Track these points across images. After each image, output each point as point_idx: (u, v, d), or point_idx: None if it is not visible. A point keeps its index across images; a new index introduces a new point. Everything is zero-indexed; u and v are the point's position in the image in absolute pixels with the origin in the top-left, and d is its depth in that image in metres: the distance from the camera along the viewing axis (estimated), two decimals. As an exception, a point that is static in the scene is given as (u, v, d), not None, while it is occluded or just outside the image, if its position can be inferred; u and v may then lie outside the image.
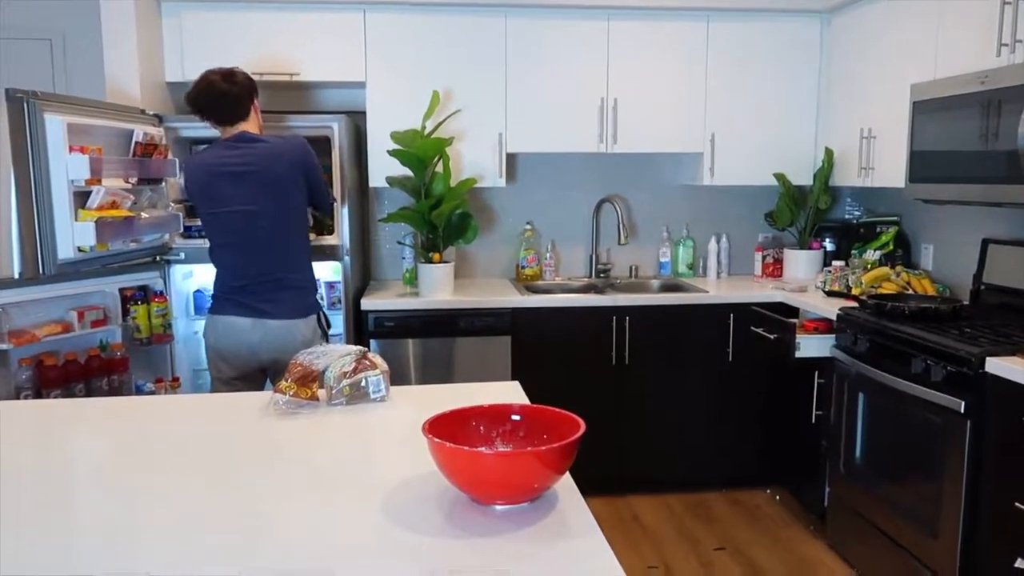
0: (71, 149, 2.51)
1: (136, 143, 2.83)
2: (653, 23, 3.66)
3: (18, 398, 2.47)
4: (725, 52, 3.73)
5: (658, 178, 4.12)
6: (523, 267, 3.99)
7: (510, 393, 1.89)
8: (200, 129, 2.82)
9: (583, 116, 3.68)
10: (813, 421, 3.22)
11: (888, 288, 3.24)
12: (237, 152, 2.58)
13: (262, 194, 2.56)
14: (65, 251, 2.54)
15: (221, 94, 2.56)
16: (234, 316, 2.58)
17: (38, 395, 2.53)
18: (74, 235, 2.54)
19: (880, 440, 2.80)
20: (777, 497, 3.65)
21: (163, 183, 3.03)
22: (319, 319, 2.71)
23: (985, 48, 2.65)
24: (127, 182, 2.79)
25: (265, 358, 2.60)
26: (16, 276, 2.46)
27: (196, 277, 3.35)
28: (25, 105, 2.41)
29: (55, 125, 2.48)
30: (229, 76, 2.60)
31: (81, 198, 2.58)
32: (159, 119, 3.11)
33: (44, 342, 2.55)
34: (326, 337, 2.74)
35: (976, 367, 2.30)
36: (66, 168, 2.50)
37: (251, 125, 2.65)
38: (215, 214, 2.60)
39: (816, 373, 3.17)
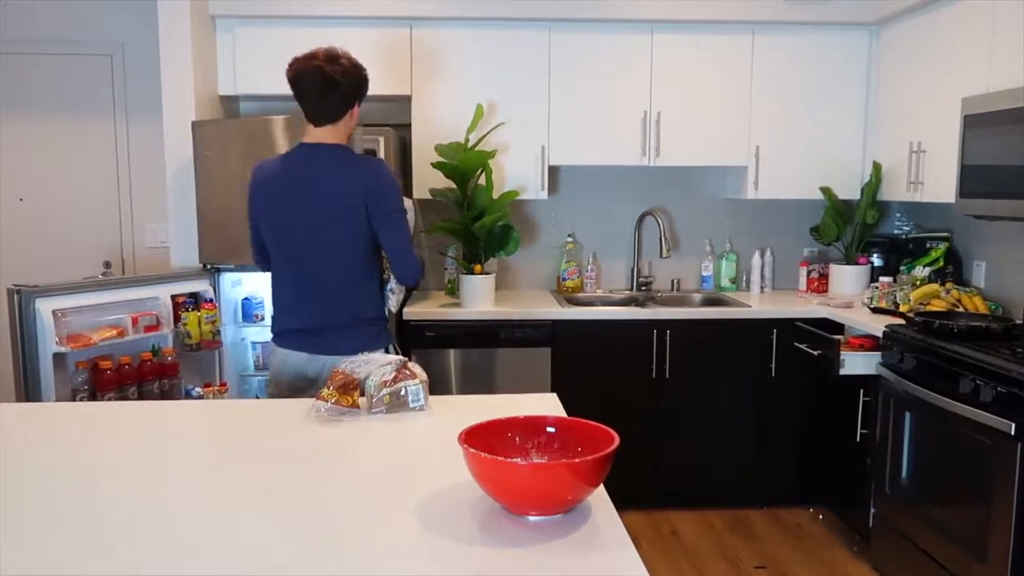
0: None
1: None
2: (697, 36, 3.65)
3: (74, 399, 2.57)
4: (770, 65, 3.70)
5: (701, 191, 4.10)
6: (564, 279, 4.00)
7: (547, 405, 1.90)
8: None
9: (626, 129, 3.68)
10: (858, 440, 3.16)
11: (937, 305, 3.16)
12: (306, 164, 2.26)
13: (330, 214, 2.23)
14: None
15: (323, 87, 2.23)
16: (290, 350, 2.34)
17: (93, 397, 2.63)
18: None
19: (927, 461, 2.73)
20: (820, 516, 3.59)
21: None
22: (387, 351, 2.31)
23: (1039, 61, 2.60)
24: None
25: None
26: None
27: (244, 285, 3.44)
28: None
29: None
30: (336, 62, 2.26)
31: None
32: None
33: (100, 346, 2.64)
34: None
35: (1027, 388, 2.25)
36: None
37: (337, 133, 2.29)
38: (275, 231, 2.30)
39: (861, 391, 3.12)
